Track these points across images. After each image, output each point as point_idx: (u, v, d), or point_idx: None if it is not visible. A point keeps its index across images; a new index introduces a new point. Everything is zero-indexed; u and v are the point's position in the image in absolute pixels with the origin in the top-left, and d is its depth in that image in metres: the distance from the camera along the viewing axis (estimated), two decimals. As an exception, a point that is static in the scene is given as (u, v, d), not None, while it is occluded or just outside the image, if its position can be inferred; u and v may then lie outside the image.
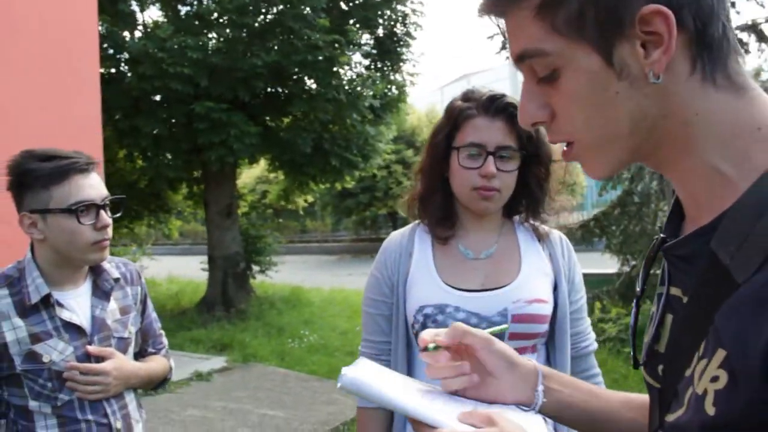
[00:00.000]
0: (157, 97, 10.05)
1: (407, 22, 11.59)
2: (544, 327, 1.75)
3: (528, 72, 0.81)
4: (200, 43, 9.21)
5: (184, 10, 10.76)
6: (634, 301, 0.94)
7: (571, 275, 1.84)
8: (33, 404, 1.80)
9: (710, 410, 0.67)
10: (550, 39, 0.75)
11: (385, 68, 11.81)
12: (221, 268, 11.33)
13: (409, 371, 1.80)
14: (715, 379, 0.67)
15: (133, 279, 2.10)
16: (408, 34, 11.67)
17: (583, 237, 8.22)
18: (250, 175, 24.53)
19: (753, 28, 7.27)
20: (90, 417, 1.85)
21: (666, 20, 0.70)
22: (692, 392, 0.71)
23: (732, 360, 0.65)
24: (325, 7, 9.96)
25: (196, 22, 9.96)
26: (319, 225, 32.60)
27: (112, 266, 2.03)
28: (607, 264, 8.48)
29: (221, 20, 9.94)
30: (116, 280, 2.00)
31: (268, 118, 11.25)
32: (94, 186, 1.82)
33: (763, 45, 7.25)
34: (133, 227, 13.92)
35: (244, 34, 9.73)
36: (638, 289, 0.94)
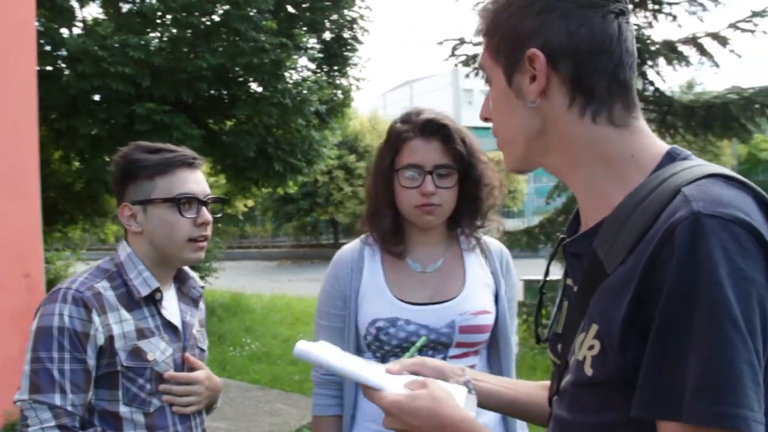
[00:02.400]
0: (97, 97, 9.68)
1: (354, 26, 11.57)
2: (487, 335, 1.91)
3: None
4: (143, 42, 8.91)
5: (126, 7, 10.46)
6: (539, 289, 1.22)
7: (509, 286, 2.00)
8: (124, 410, 1.67)
9: (588, 371, 0.88)
10: (486, 58, 1.05)
11: (332, 72, 11.74)
12: (160, 274, 11.02)
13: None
14: (591, 347, 0.88)
15: (202, 295, 2.03)
16: (355, 38, 11.65)
17: (528, 244, 8.32)
18: (190, 178, 24.08)
19: (693, 41, 7.57)
20: (179, 428, 1.77)
21: (539, 62, 0.95)
22: (574, 359, 0.93)
23: (601, 332, 0.86)
24: (272, 9, 9.84)
25: (139, 20, 9.67)
26: (259, 230, 32.30)
27: (196, 276, 1.99)
28: (551, 270, 8.57)
29: (165, 19, 9.69)
30: (202, 288, 1.97)
31: (211, 120, 11.04)
32: (198, 182, 1.80)
33: (704, 58, 7.53)
34: (67, 231, 13.33)
35: (189, 35, 9.51)
36: (542, 279, 1.25)
